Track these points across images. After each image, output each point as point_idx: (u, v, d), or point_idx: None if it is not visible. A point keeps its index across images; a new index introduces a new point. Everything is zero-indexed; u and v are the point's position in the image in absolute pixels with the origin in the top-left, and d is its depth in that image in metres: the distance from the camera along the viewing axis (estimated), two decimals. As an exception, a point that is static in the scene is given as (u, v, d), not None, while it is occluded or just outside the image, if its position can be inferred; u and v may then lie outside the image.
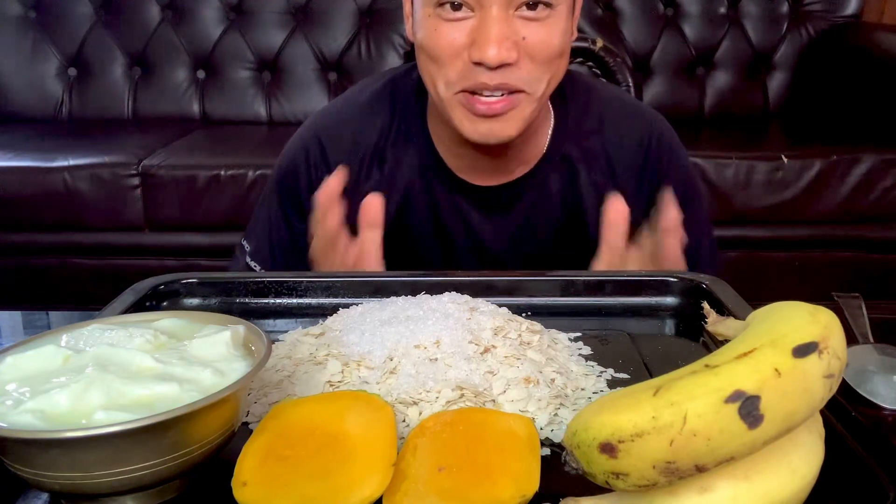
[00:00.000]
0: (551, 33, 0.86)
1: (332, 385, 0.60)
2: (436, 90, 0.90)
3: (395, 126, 1.00)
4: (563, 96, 0.99)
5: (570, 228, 1.00)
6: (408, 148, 0.99)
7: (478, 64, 0.85)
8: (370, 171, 0.99)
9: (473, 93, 0.87)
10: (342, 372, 0.61)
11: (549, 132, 0.99)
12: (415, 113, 1.00)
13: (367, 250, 0.84)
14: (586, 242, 0.97)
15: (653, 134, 1.00)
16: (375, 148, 0.99)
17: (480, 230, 1.00)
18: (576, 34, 0.93)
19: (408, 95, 1.00)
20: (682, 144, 1.04)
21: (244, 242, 1.04)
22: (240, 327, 0.56)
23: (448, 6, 0.85)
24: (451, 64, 0.86)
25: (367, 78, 1.08)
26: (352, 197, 0.99)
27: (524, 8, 0.84)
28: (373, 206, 0.83)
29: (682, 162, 1.03)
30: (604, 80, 1.48)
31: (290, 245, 1.01)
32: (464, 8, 0.85)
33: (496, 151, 0.94)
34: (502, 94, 0.86)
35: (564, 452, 0.45)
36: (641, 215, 1.00)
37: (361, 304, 0.75)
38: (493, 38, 0.83)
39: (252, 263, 1.02)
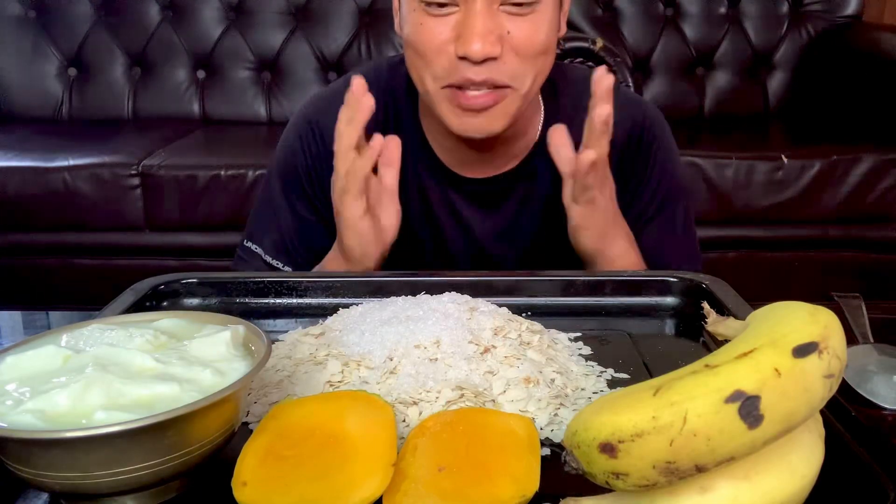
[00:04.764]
0: (537, 28, 0.86)
1: (332, 385, 0.60)
2: (423, 85, 0.90)
3: (385, 118, 0.99)
4: (555, 89, 0.98)
5: (560, 219, 1.00)
6: (399, 139, 0.99)
7: (462, 58, 0.85)
8: None
9: (460, 87, 0.87)
10: (342, 372, 0.61)
11: (540, 126, 0.99)
12: (406, 105, 1.00)
13: (388, 184, 0.89)
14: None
15: (644, 125, 0.99)
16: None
17: (471, 222, 1.00)
18: (564, 29, 0.93)
19: (399, 87, 1.00)
20: (673, 138, 1.03)
21: (250, 244, 1.02)
22: (240, 327, 0.56)
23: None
24: (436, 59, 0.87)
25: (356, 69, 1.07)
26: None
27: (509, 3, 0.85)
28: (393, 145, 0.89)
29: (665, 152, 1.01)
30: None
31: (299, 235, 1.01)
32: (448, 3, 0.85)
33: (485, 145, 0.94)
34: (488, 89, 0.86)
35: (564, 452, 0.45)
36: (622, 205, 0.99)
37: (361, 304, 0.75)
38: (477, 32, 0.83)
39: (271, 260, 1.00)
